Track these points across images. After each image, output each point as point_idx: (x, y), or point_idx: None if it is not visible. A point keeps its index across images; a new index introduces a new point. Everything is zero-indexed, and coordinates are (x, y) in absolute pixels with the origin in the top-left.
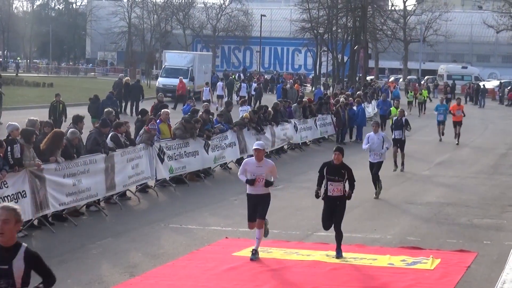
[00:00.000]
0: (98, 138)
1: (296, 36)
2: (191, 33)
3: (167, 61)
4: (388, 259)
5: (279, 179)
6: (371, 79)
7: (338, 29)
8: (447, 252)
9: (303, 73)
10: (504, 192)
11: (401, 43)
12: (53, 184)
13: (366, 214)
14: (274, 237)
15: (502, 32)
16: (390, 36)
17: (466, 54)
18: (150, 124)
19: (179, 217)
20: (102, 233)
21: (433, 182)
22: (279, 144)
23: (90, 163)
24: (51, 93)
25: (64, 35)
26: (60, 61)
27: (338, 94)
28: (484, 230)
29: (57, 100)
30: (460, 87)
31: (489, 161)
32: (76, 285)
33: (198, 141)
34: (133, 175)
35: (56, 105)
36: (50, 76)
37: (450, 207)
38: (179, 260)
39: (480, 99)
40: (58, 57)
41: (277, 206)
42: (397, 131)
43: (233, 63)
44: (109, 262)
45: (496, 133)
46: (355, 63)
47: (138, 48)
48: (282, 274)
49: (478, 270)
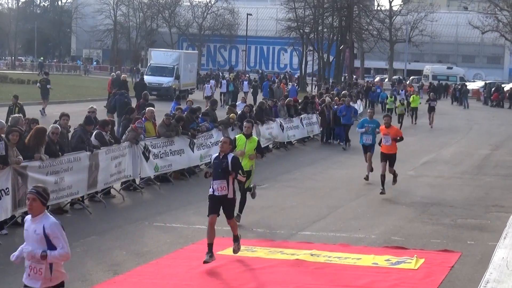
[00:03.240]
0: (83, 136)
1: (282, 35)
2: (177, 31)
3: (152, 59)
4: (372, 258)
5: (264, 178)
6: (367, 81)
7: (324, 29)
8: (431, 252)
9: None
10: (488, 193)
11: (386, 43)
12: (34, 182)
13: (350, 213)
14: (258, 236)
15: (487, 33)
16: (376, 36)
17: (452, 55)
18: (137, 123)
19: (163, 216)
20: (86, 231)
21: (418, 182)
22: (264, 144)
23: (74, 161)
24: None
25: (49, 32)
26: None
27: (323, 94)
28: (468, 230)
29: (14, 103)
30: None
31: (473, 162)
32: None
33: (183, 139)
34: (115, 173)
35: (12, 107)
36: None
37: (435, 207)
38: (163, 258)
39: (463, 100)
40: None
41: (261, 205)
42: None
43: (218, 61)
44: (92, 260)
45: (480, 134)
46: (340, 62)
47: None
48: (266, 273)
49: (461, 270)
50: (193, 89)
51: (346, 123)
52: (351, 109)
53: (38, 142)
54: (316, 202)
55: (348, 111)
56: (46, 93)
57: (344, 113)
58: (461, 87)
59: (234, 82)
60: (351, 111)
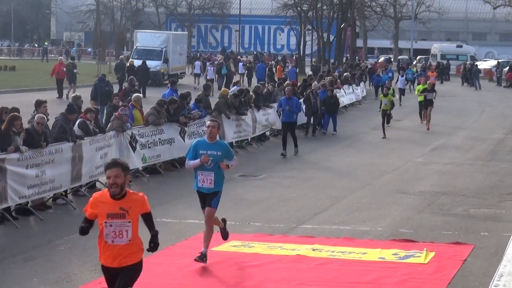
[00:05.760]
0: (65, 126)
1: (278, 14)
2: (165, 11)
3: (138, 41)
4: (379, 253)
5: (261, 167)
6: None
7: (323, 6)
8: (442, 244)
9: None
10: (503, 180)
11: (391, 21)
12: (14, 176)
13: (355, 204)
14: (256, 230)
15: (500, 8)
16: (380, 13)
17: (461, 32)
18: (120, 110)
19: (153, 210)
20: (70, 227)
21: (427, 170)
22: (261, 130)
23: (56, 153)
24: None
25: (27, 14)
26: (23, 42)
27: (323, 77)
28: (482, 221)
29: None
30: (455, 68)
31: (486, 147)
32: (43, 284)
33: (173, 127)
34: (101, 165)
35: None
36: (13, 58)
37: (445, 196)
38: (153, 256)
39: (474, 80)
40: (21, 38)
41: (259, 197)
42: None
43: (210, 43)
44: (78, 259)
45: (493, 117)
46: (342, 42)
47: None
48: (265, 270)
49: (475, 263)
50: (183, 73)
51: (286, 121)
52: (293, 102)
53: (10, 127)
54: (317, 193)
55: (291, 105)
56: (73, 77)
57: (282, 108)
58: (471, 66)
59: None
60: (293, 104)
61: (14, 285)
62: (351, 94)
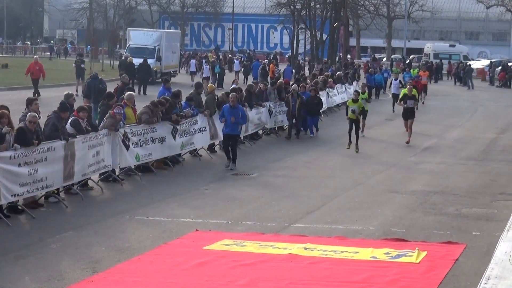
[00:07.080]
0: (57, 124)
1: (271, 12)
2: (158, 9)
3: (131, 39)
4: (370, 252)
5: (253, 166)
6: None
7: (316, 5)
8: (433, 244)
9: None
10: (495, 180)
11: (384, 20)
12: (6, 174)
13: (347, 204)
14: (248, 229)
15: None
16: (373, 12)
17: (454, 32)
18: (115, 108)
19: (145, 208)
20: (62, 226)
21: (419, 169)
22: (253, 129)
23: (48, 151)
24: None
25: (20, 11)
26: (15, 40)
27: (316, 75)
28: (473, 220)
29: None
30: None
31: (478, 147)
32: (35, 283)
33: (166, 126)
34: (93, 163)
35: None
36: (5, 56)
37: (437, 195)
38: (145, 254)
39: (467, 80)
40: (13, 35)
41: (251, 196)
42: None
43: (203, 41)
44: (70, 257)
45: (486, 117)
46: (335, 41)
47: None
48: (257, 269)
49: (466, 263)
50: (176, 71)
51: (229, 133)
52: (238, 112)
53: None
54: (309, 192)
55: (236, 115)
56: (82, 72)
57: (225, 119)
58: (464, 66)
59: (220, 63)
60: (238, 114)
61: (6, 283)
62: (344, 93)
